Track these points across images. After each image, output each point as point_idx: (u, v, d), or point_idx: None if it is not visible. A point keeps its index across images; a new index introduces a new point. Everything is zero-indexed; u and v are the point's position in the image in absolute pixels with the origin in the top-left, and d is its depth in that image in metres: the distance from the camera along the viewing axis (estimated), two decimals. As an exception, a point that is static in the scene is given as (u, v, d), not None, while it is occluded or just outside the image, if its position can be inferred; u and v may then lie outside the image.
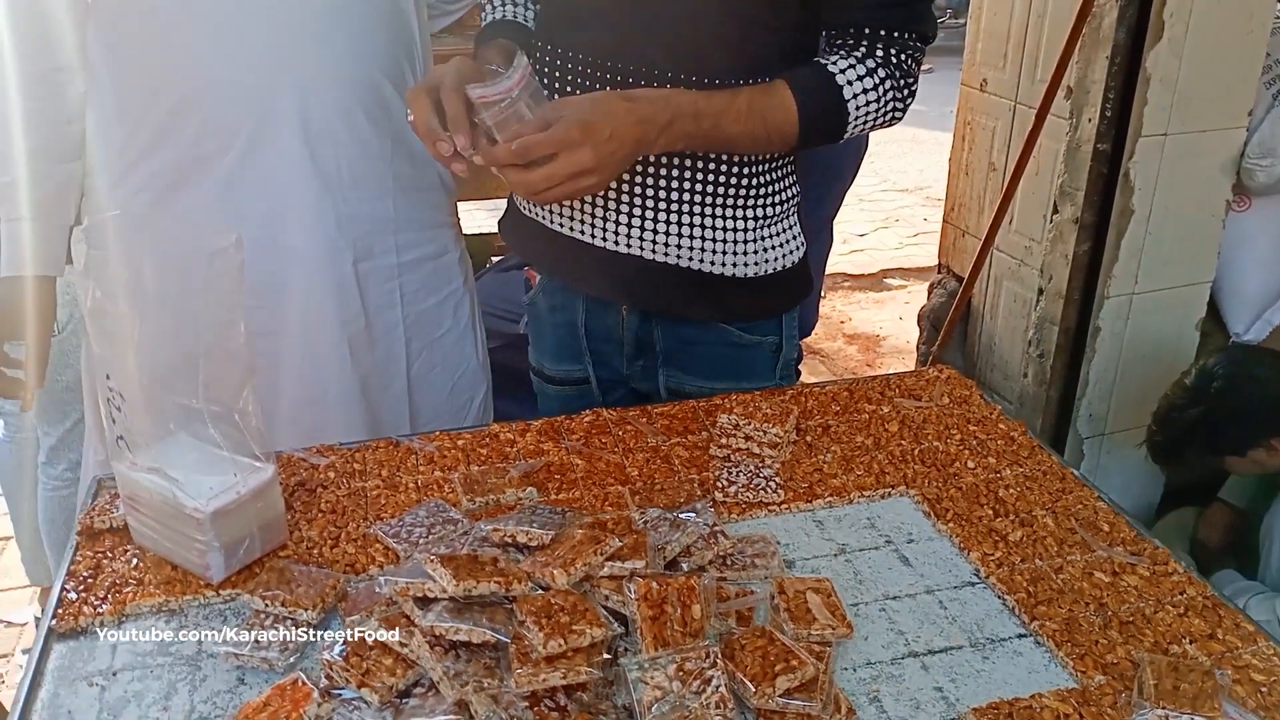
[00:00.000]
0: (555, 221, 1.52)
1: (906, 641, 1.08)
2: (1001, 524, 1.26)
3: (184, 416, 1.09)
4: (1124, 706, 0.99)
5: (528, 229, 1.58)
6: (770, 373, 1.62)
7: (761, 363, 1.61)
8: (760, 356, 1.60)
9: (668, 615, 1.00)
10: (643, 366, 1.62)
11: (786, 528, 1.26)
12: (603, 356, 1.64)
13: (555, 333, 1.66)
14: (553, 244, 1.54)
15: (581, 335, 1.63)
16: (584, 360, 1.65)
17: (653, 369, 1.61)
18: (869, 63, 1.38)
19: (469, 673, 0.95)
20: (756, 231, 1.51)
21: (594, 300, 1.59)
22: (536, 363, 1.75)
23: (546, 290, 1.65)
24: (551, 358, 1.69)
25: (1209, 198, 2.82)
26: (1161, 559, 1.20)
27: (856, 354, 4.52)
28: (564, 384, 1.69)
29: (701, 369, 1.59)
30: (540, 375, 1.74)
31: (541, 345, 1.72)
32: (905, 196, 6.76)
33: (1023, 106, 2.88)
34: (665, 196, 1.46)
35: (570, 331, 1.64)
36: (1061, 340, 2.89)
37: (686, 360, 1.59)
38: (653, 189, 1.45)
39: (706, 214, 1.47)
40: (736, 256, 1.50)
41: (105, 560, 1.19)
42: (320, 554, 1.19)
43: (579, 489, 1.31)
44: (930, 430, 1.46)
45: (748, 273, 1.51)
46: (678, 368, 1.60)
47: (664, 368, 1.60)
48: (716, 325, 1.57)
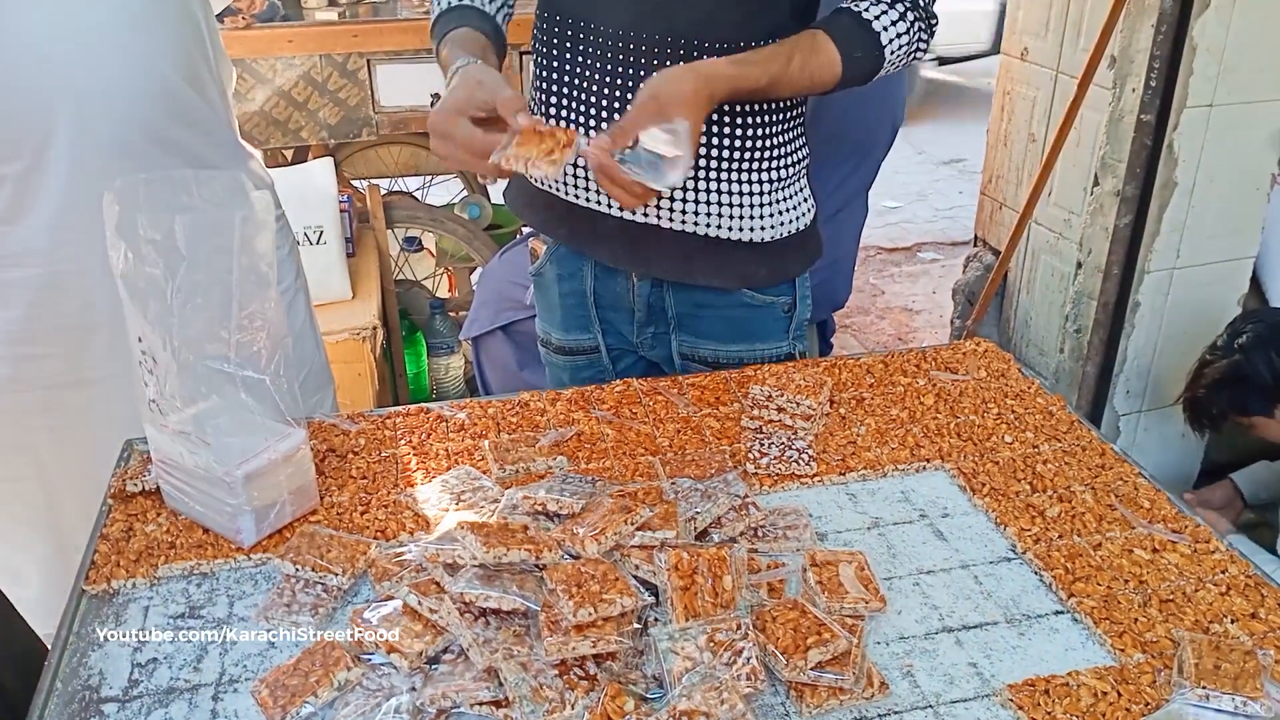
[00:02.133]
0: (568, 192, 1.51)
1: (940, 616, 1.07)
2: (1039, 499, 1.23)
3: (216, 380, 1.09)
4: (1163, 685, 0.97)
5: (536, 198, 1.57)
6: (783, 334, 1.61)
7: (774, 324, 1.60)
8: (773, 317, 1.59)
9: (699, 586, 0.99)
10: (654, 333, 1.61)
11: (819, 500, 1.25)
12: (612, 324, 1.63)
13: (564, 301, 1.65)
14: (564, 213, 1.53)
15: (590, 303, 1.61)
16: (593, 329, 1.64)
17: (664, 335, 1.60)
18: (899, 7, 1.40)
19: (499, 640, 0.94)
20: (770, 195, 1.50)
21: (602, 268, 1.58)
22: (544, 333, 1.73)
23: (554, 259, 1.64)
24: (560, 327, 1.68)
25: (1253, 170, 2.75)
26: (1203, 537, 1.17)
27: (889, 328, 4.48)
28: (573, 353, 1.68)
29: (715, 332, 1.58)
30: (548, 345, 1.73)
31: (550, 315, 1.70)
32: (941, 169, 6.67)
33: (1064, 76, 2.82)
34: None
35: (579, 300, 1.62)
36: (1100, 315, 2.84)
37: (699, 324, 1.58)
38: None
39: (721, 180, 1.46)
40: (752, 221, 1.49)
41: (137, 523, 1.19)
42: (351, 519, 1.19)
43: (609, 459, 1.30)
44: (967, 404, 1.43)
45: (763, 237, 1.50)
46: (690, 332, 1.59)
47: (677, 333, 1.59)
48: (727, 290, 1.55)
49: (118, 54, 1.56)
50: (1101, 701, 0.95)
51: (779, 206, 1.51)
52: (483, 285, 3.17)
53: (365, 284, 3.00)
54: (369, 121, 3.10)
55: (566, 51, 1.46)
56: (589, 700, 0.91)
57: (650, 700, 0.93)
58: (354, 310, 2.86)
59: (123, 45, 1.57)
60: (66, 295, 1.63)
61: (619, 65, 1.41)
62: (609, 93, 1.42)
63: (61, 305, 1.63)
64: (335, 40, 2.98)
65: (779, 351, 1.60)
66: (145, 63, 1.59)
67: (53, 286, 1.61)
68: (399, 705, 0.92)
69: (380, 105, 3.09)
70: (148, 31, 1.59)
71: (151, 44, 1.60)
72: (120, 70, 1.57)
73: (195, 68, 1.68)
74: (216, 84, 1.75)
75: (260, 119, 3.01)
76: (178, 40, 1.65)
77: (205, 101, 1.70)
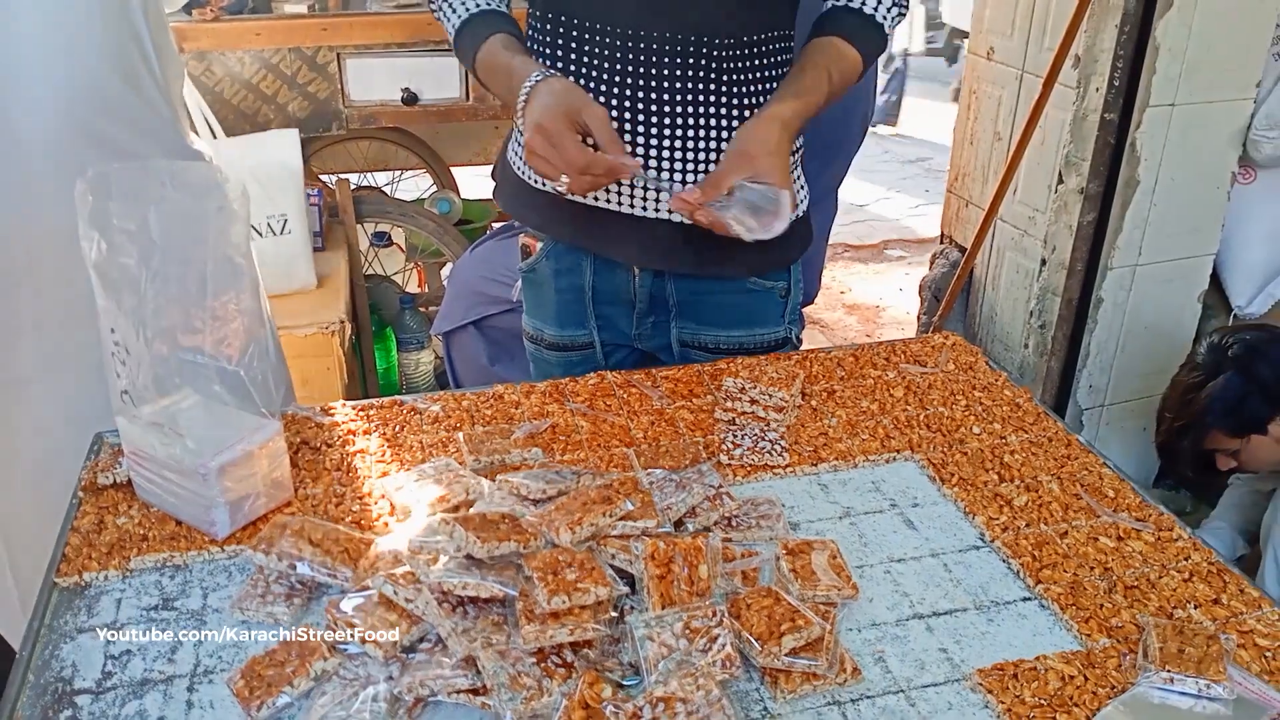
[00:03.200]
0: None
1: (911, 603, 1.08)
2: (1006, 489, 1.26)
3: (189, 371, 1.09)
4: (1129, 669, 0.99)
5: (536, 198, 1.57)
6: (779, 318, 1.64)
7: (772, 308, 1.62)
8: (771, 302, 1.62)
9: (674, 574, 1.00)
10: (653, 323, 1.62)
11: (791, 490, 1.26)
12: (609, 319, 1.64)
13: (560, 298, 1.65)
14: (569, 212, 1.53)
15: (588, 299, 1.62)
16: (589, 324, 1.64)
17: (664, 324, 1.62)
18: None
19: (477, 629, 0.95)
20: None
21: (602, 262, 1.58)
22: (535, 329, 1.73)
23: (550, 255, 1.64)
24: (555, 323, 1.68)
25: (1214, 169, 2.80)
26: (1166, 525, 1.20)
27: (856, 324, 4.51)
28: (567, 349, 1.69)
29: (716, 319, 1.61)
30: (539, 342, 1.72)
31: (543, 311, 1.70)
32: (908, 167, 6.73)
33: (1030, 75, 2.86)
34: (693, 159, 1.47)
35: (576, 296, 1.63)
36: (1064, 311, 2.88)
37: (701, 312, 1.60)
38: (676, 152, 1.46)
39: None
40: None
41: (109, 516, 1.18)
42: (326, 510, 1.19)
43: (584, 450, 1.31)
44: (936, 396, 1.45)
45: None
46: (691, 319, 1.61)
47: (677, 320, 1.61)
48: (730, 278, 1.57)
49: (38, 49, 1.53)
50: (1069, 685, 0.97)
51: None
52: (453, 280, 3.16)
53: (334, 279, 2.98)
54: (338, 115, 3.09)
55: (571, 52, 1.45)
56: (566, 688, 0.92)
57: (627, 687, 0.94)
58: (322, 305, 2.84)
59: (45, 40, 1.53)
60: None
61: (627, 65, 1.42)
62: (617, 92, 1.43)
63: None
64: (304, 33, 2.96)
65: (776, 336, 1.63)
66: (69, 58, 1.55)
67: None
68: (376, 694, 0.93)
69: (350, 99, 3.08)
70: (73, 26, 1.55)
71: (78, 39, 1.56)
72: (42, 66, 1.53)
73: (130, 64, 1.64)
74: (157, 81, 1.71)
75: (229, 112, 2.98)
76: (106, 36, 1.60)
77: (142, 99, 1.66)
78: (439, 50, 3.08)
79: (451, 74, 3.13)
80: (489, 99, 3.16)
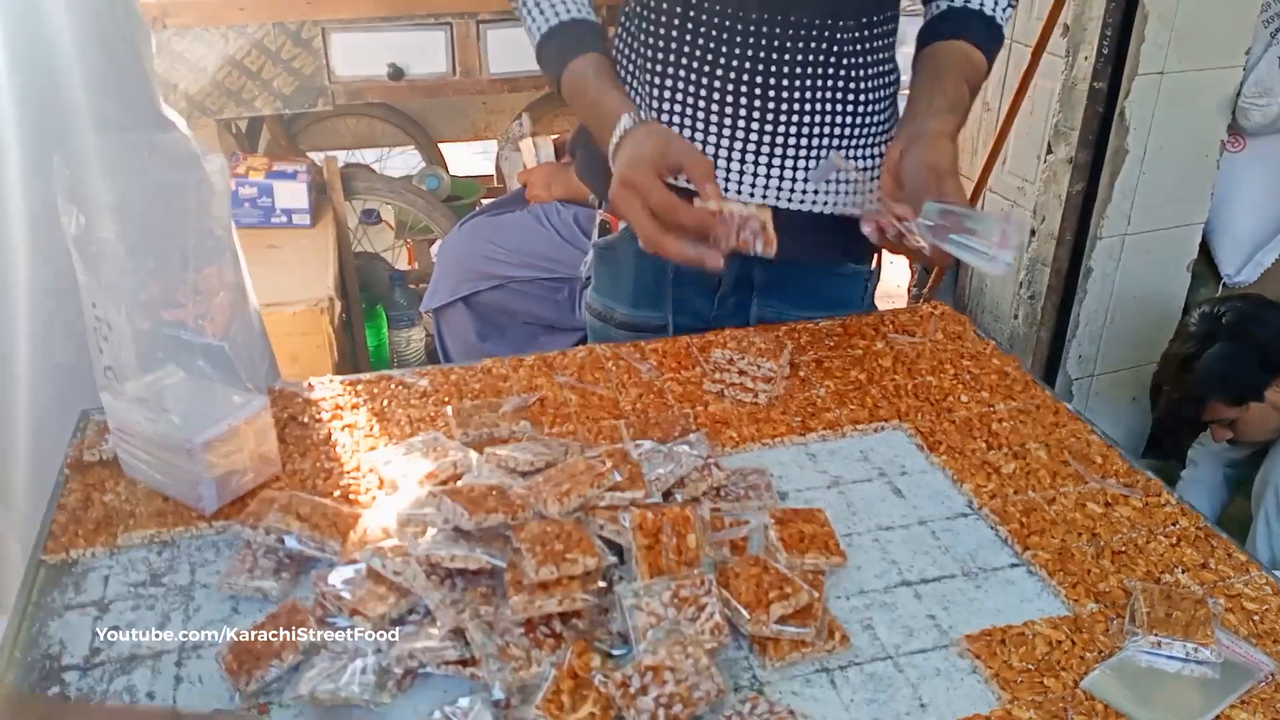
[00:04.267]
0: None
1: (899, 571, 1.09)
2: (995, 456, 1.26)
3: (173, 346, 1.08)
4: (1116, 634, 1.00)
5: None
6: (860, 302, 1.63)
7: (855, 292, 1.62)
8: (856, 286, 1.62)
9: (663, 544, 1.00)
10: (735, 302, 1.60)
11: (780, 460, 1.26)
12: (685, 301, 1.61)
13: (638, 278, 1.61)
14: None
15: (669, 280, 1.59)
16: (665, 306, 1.62)
17: (745, 303, 1.60)
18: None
19: (465, 600, 0.95)
20: (877, 169, 1.50)
21: None
22: (605, 307, 1.68)
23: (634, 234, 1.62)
24: (629, 303, 1.64)
25: (1204, 138, 2.80)
26: (1154, 490, 1.20)
27: (847, 298, 4.51)
28: (639, 330, 1.64)
29: (800, 299, 1.58)
30: (608, 320, 1.68)
31: (617, 290, 1.66)
32: (897, 140, 6.70)
33: (1018, 44, 2.85)
34: (804, 144, 1.45)
35: (657, 276, 1.60)
36: (1053, 281, 2.89)
37: (787, 292, 1.58)
38: (790, 137, 1.44)
39: (847, 156, 1.48)
40: (862, 195, 1.50)
41: (95, 493, 1.18)
42: (314, 485, 1.18)
43: (572, 423, 1.31)
44: (924, 365, 1.45)
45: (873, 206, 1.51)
46: (775, 298, 1.59)
47: (760, 298, 1.59)
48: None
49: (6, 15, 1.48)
50: (1056, 650, 0.98)
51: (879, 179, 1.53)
52: (442, 257, 3.15)
53: (323, 256, 2.97)
54: (324, 91, 3.07)
55: (672, 41, 1.43)
56: (555, 658, 0.92)
57: (616, 656, 0.94)
58: (312, 282, 2.83)
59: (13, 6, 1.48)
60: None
61: (746, 51, 1.40)
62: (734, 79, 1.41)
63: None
64: (288, 8, 2.93)
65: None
66: (40, 23, 1.50)
67: None
68: (365, 666, 0.93)
69: (335, 75, 3.05)
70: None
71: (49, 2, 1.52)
72: (10, 32, 1.48)
73: (103, 28, 1.59)
74: (130, 46, 1.66)
75: (213, 89, 2.96)
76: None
77: (116, 65, 1.61)
78: (425, 24, 3.06)
79: (438, 48, 3.11)
80: (476, 73, 3.14)
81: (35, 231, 1.54)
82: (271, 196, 3.03)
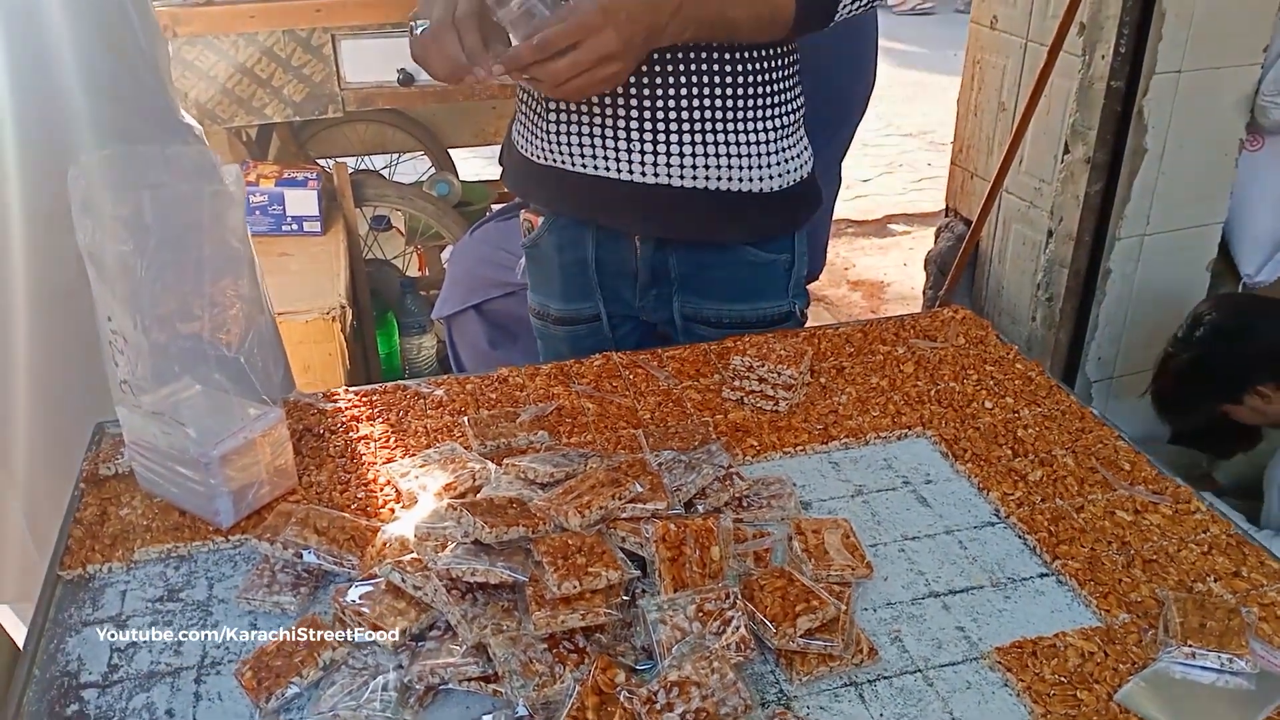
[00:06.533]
0: (577, 163, 1.49)
1: (927, 582, 1.07)
2: (1021, 464, 1.24)
3: (189, 359, 1.07)
4: (1149, 644, 0.98)
5: (539, 174, 1.55)
6: (783, 291, 1.61)
7: (776, 281, 1.60)
8: (775, 274, 1.59)
9: (686, 557, 0.98)
10: (656, 295, 1.60)
11: (802, 469, 1.25)
12: (614, 291, 1.62)
13: (563, 272, 1.63)
14: (572, 184, 1.51)
15: (592, 271, 1.60)
16: (594, 296, 1.63)
17: (667, 297, 1.60)
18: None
19: (486, 615, 0.93)
20: (778, 144, 1.50)
21: (605, 234, 1.56)
22: (540, 305, 1.72)
23: (553, 229, 1.62)
24: (560, 297, 1.67)
25: (1222, 137, 2.77)
26: (1184, 497, 1.18)
27: (861, 300, 4.49)
28: (573, 323, 1.67)
29: (718, 292, 1.58)
30: (545, 318, 1.71)
31: (548, 286, 1.69)
32: (909, 141, 6.68)
33: (1034, 44, 2.82)
34: (690, 119, 1.44)
35: (580, 269, 1.61)
36: (1071, 283, 2.86)
37: (703, 284, 1.58)
38: (675, 115, 1.43)
39: (730, 131, 1.46)
40: (762, 170, 1.49)
41: (111, 507, 1.17)
42: (330, 498, 1.17)
43: (591, 432, 1.29)
44: (946, 371, 1.43)
45: (772, 186, 1.50)
46: (694, 293, 1.58)
47: (679, 294, 1.59)
48: (734, 247, 1.55)
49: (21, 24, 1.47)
50: (1089, 662, 0.96)
51: (785, 154, 1.51)
52: (454, 264, 3.13)
53: (334, 263, 2.96)
54: (334, 98, 3.06)
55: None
56: (579, 673, 0.90)
57: (640, 671, 0.93)
58: (323, 290, 2.82)
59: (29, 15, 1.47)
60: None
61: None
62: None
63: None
64: (298, 15, 2.92)
65: (780, 309, 1.61)
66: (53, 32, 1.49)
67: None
68: (386, 683, 0.91)
69: (346, 81, 3.05)
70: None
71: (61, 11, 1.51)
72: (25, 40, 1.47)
73: (117, 36, 1.58)
74: (144, 53, 1.64)
75: (223, 96, 2.96)
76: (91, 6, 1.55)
77: (130, 72, 1.59)
78: (435, 30, 3.05)
79: (448, 54, 3.10)
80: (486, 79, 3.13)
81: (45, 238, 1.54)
82: (282, 204, 3.02)
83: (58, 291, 1.54)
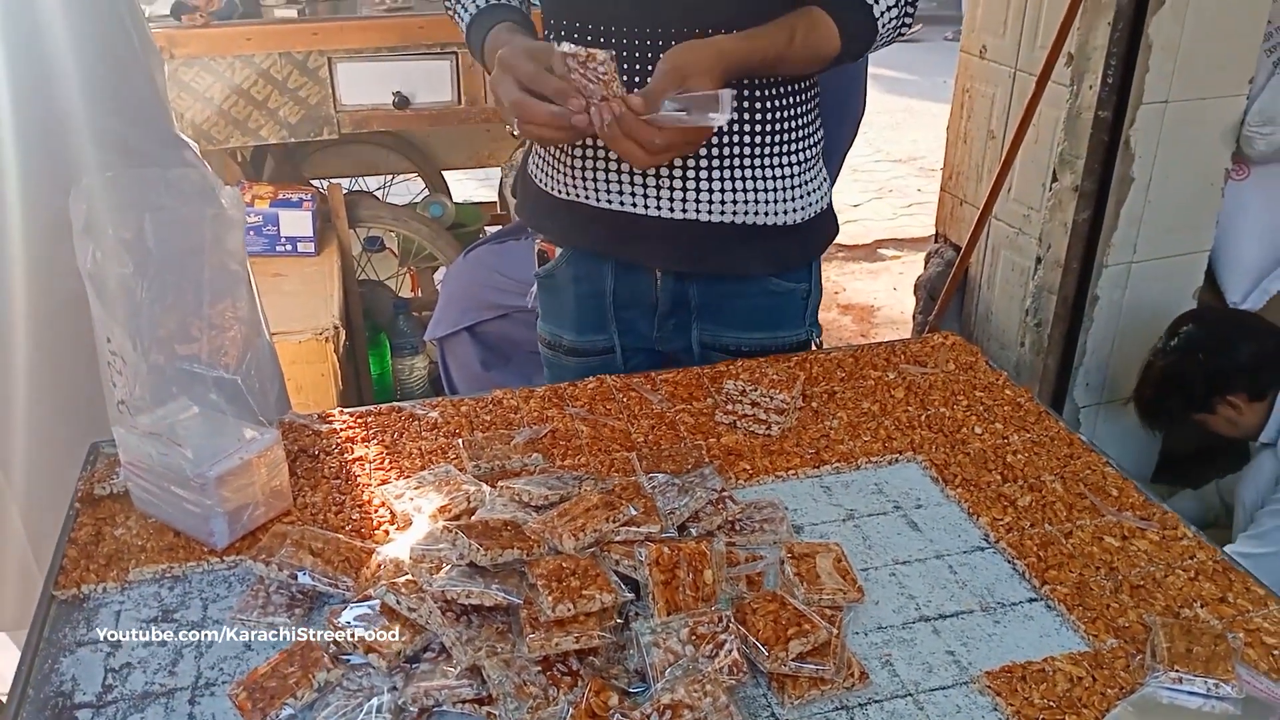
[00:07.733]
0: (599, 198, 1.50)
1: (917, 606, 1.08)
2: (1010, 489, 1.25)
3: (186, 380, 1.08)
4: (1137, 669, 0.99)
5: (556, 208, 1.56)
6: (800, 320, 1.63)
7: (794, 310, 1.62)
8: (793, 304, 1.61)
9: (679, 580, 0.99)
10: (675, 324, 1.61)
11: (794, 493, 1.26)
12: (629, 323, 1.62)
13: (579, 304, 1.63)
14: (591, 218, 1.52)
15: (609, 304, 1.60)
16: (609, 329, 1.63)
17: (685, 326, 1.60)
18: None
19: (481, 638, 0.94)
20: (800, 176, 1.52)
21: (623, 267, 1.57)
22: (552, 335, 1.70)
23: (570, 261, 1.62)
24: (574, 329, 1.66)
25: (1208, 166, 2.80)
26: (1171, 523, 1.19)
27: (851, 324, 4.51)
28: (586, 355, 1.66)
29: (738, 321, 1.59)
30: (556, 348, 1.70)
31: (561, 318, 1.68)
32: (899, 167, 6.73)
33: (1023, 73, 2.86)
34: (721, 155, 1.46)
35: (597, 301, 1.61)
36: (1059, 309, 2.89)
37: (723, 314, 1.59)
38: (706, 151, 1.45)
39: (756, 166, 1.48)
40: (787, 204, 1.51)
41: (106, 527, 1.17)
42: (325, 519, 1.18)
43: (585, 455, 1.30)
44: (936, 396, 1.45)
45: (795, 219, 1.52)
46: (712, 321, 1.59)
47: (698, 322, 1.60)
48: (756, 277, 1.57)
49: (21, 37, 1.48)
50: (1077, 686, 0.97)
51: (807, 187, 1.53)
52: (448, 285, 3.15)
53: (328, 284, 2.97)
54: (330, 120, 3.08)
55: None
56: (573, 696, 0.91)
57: (633, 694, 0.93)
58: (317, 310, 2.83)
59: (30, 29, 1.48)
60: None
61: (633, 60, 1.42)
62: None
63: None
64: (295, 38, 2.95)
65: (797, 338, 1.62)
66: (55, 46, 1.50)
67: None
68: (380, 705, 0.92)
69: (341, 104, 3.07)
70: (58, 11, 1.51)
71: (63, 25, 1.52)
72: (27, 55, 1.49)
73: (118, 53, 1.60)
74: (143, 69, 1.66)
75: (219, 118, 2.97)
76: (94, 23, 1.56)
77: (131, 87, 1.61)
78: (430, 53, 3.07)
79: (443, 77, 3.12)
80: (480, 102, 3.15)
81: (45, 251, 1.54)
82: (277, 225, 3.03)
83: (58, 303, 1.55)
